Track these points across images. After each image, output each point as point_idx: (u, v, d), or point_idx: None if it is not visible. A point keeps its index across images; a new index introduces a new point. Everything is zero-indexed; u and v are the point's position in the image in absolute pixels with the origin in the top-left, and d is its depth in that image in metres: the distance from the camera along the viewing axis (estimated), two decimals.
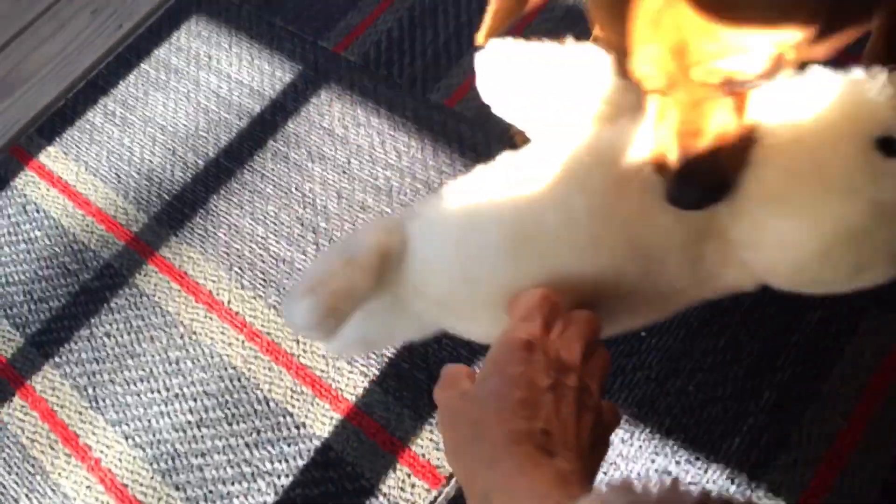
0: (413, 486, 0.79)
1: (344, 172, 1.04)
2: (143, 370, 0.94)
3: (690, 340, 0.79)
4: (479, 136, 1.02)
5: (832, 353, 0.74)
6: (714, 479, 0.71)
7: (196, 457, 0.87)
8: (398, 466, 0.80)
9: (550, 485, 0.32)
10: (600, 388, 0.40)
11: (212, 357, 0.93)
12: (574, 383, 0.38)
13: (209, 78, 1.20)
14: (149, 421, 0.90)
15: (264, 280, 0.98)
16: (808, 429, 0.72)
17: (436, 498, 0.78)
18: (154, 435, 0.89)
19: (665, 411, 0.76)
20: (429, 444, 0.81)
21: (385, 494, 0.79)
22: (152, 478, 0.86)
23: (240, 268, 1.00)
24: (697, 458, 0.73)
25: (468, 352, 0.85)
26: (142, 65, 1.25)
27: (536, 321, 0.40)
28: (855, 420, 0.71)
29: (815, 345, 0.75)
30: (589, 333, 0.41)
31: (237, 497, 0.83)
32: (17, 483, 0.90)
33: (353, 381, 0.87)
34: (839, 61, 0.45)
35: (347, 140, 1.07)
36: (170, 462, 0.87)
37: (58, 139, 1.18)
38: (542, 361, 0.38)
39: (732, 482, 0.71)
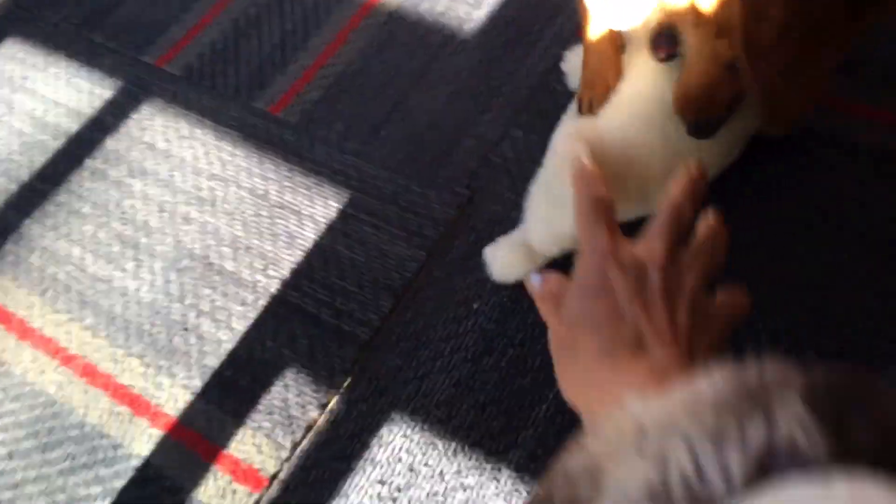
0: (234, 492, 0.76)
1: (166, 186, 1.02)
2: None
3: (503, 320, 0.81)
4: (303, 140, 1.02)
5: None
6: (525, 443, 0.73)
7: (6, 490, 0.81)
8: (219, 475, 0.78)
9: (646, 378, 0.31)
10: (704, 275, 0.37)
11: (23, 386, 0.88)
12: (658, 281, 0.35)
13: (24, 100, 1.15)
14: None
15: (81, 302, 0.93)
16: None
17: (258, 501, 0.76)
18: None
19: (480, 388, 0.78)
20: (251, 447, 0.79)
21: None
22: None
23: (54, 291, 0.95)
24: (510, 427, 0.74)
25: (290, 351, 0.84)
26: None
27: (601, 231, 0.37)
28: None
29: None
30: (672, 225, 0.37)
31: None
32: None
33: (173, 395, 0.84)
34: None
35: (170, 153, 1.04)
36: None
37: None
38: (617, 267, 0.35)
39: (541, 445, 0.72)
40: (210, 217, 0.97)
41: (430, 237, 0.89)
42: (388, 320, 0.84)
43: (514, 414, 0.75)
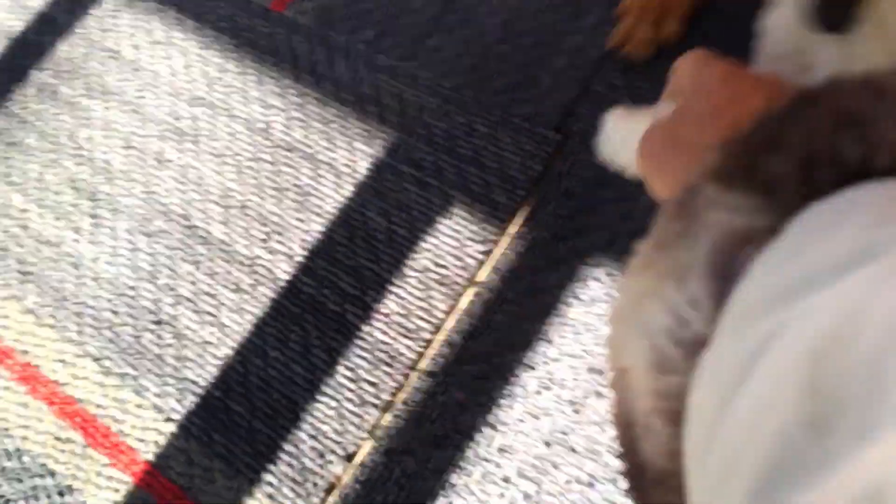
0: None
1: (135, 112, 0.75)
2: None
3: None
4: (318, 51, 0.73)
5: None
6: None
7: None
8: None
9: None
10: None
11: None
12: None
13: None
14: None
15: (21, 273, 0.69)
16: None
17: None
18: None
19: (575, 432, 0.53)
20: None
21: None
22: None
23: None
24: None
25: (304, 368, 0.59)
26: None
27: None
28: None
29: None
30: None
31: None
32: None
33: (141, 422, 0.60)
34: None
35: (139, 65, 0.77)
36: None
37: None
38: None
39: None
40: (192, 159, 0.71)
41: (504, 206, 0.62)
42: (441, 328, 0.58)
43: None
